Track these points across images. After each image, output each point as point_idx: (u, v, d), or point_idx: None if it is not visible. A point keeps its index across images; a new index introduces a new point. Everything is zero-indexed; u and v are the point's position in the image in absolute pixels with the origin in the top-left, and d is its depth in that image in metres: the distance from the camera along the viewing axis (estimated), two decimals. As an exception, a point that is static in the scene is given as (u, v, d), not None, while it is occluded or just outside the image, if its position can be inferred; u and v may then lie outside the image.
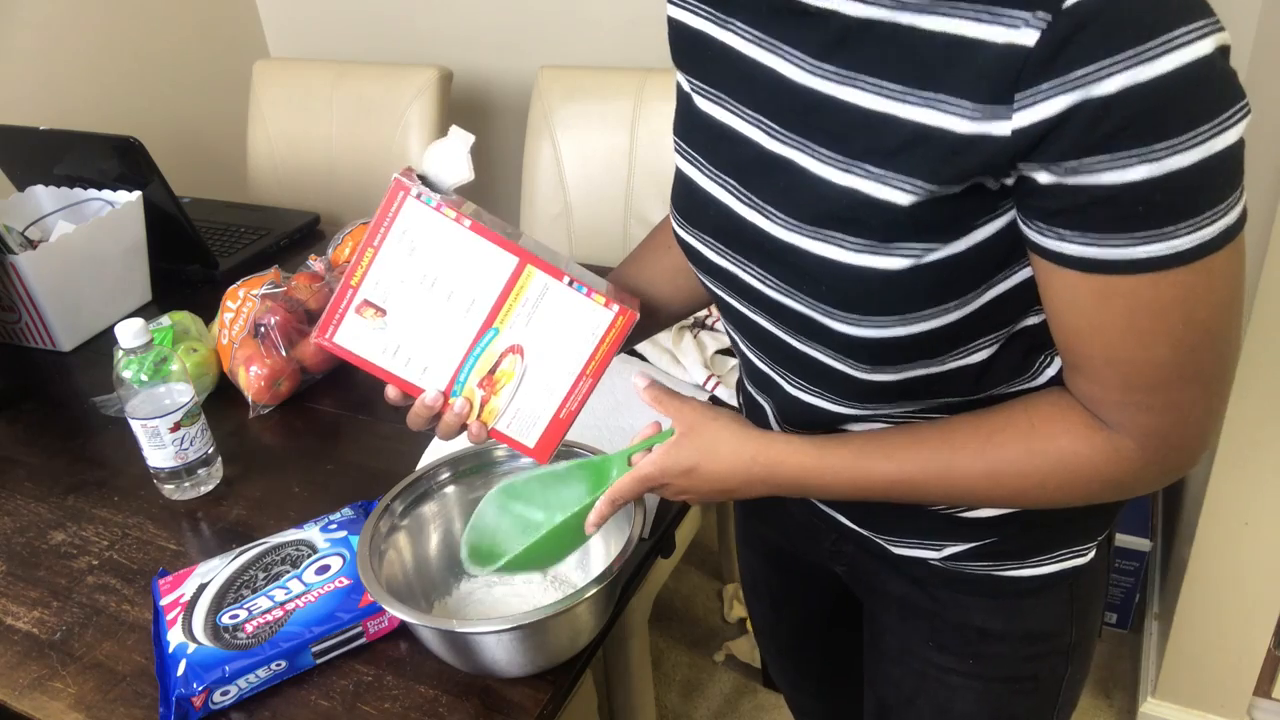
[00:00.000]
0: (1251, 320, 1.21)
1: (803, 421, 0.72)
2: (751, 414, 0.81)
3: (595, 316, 0.73)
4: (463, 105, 2.25)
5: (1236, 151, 0.49)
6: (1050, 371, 0.66)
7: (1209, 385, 0.55)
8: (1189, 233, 0.49)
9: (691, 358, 1.17)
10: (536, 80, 1.79)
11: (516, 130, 1.95)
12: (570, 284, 0.72)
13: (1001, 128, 0.49)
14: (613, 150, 1.72)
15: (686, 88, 0.69)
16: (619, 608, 0.88)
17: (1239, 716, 1.52)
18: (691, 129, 0.68)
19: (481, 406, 0.76)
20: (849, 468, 0.66)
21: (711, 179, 0.66)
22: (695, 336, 1.19)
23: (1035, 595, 0.75)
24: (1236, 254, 0.52)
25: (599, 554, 0.91)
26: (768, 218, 0.61)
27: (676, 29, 0.69)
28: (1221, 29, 0.47)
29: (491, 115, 2.27)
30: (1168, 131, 0.46)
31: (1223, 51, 0.47)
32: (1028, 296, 0.59)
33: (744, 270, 0.66)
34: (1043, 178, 0.50)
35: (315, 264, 1.34)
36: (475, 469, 0.93)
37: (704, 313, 1.22)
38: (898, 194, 0.54)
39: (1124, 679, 1.72)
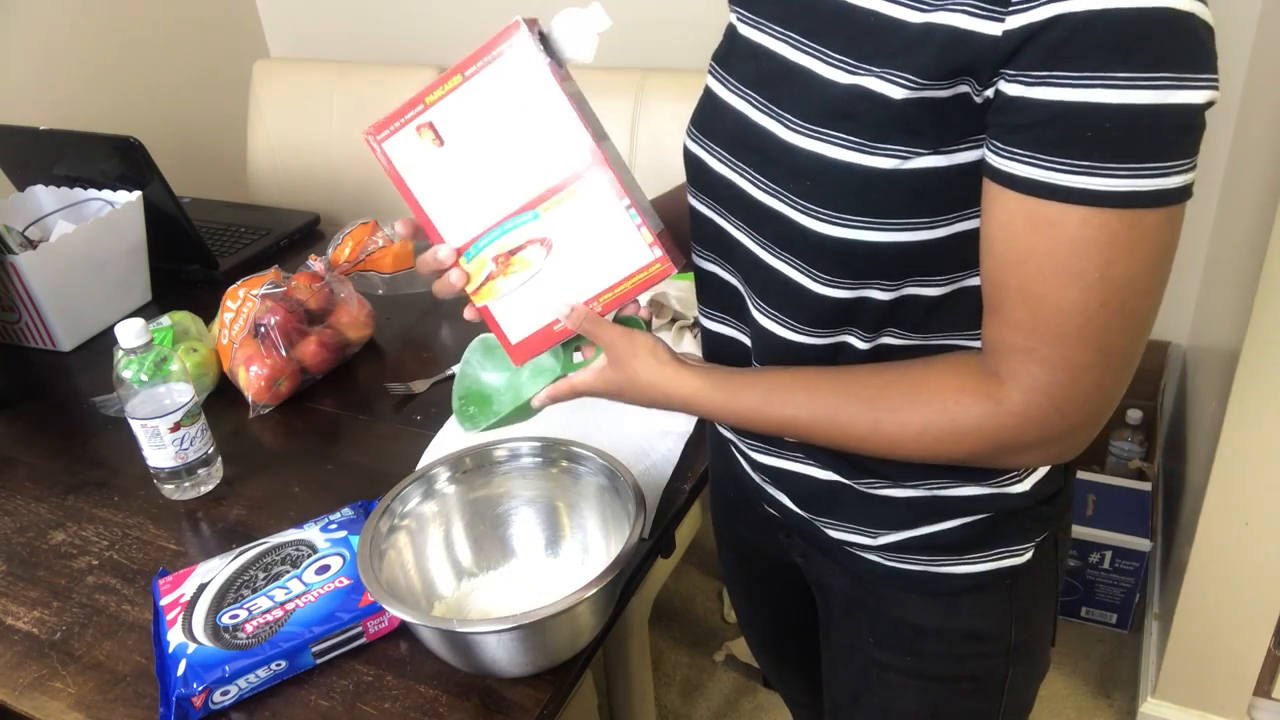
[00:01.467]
0: (1251, 320, 1.21)
1: (774, 355, 0.75)
2: (708, 293, 0.82)
3: (636, 251, 0.70)
4: (463, 105, 2.25)
5: (1194, 117, 0.51)
6: None
7: (1108, 357, 0.57)
8: (1128, 176, 0.51)
9: (693, 358, 1.17)
10: (536, 80, 1.79)
11: (516, 130, 1.95)
12: (629, 208, 0.69)
13: (994, 28, 0.53)
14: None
15: (734, 19, 0.73)
16: (619, 608, 0.88)
17: (1239, 716, 1.52)
18: (730, 54, 0.72)
19: (486, 280, 0.73)
20: (751, 406, 0.71)
21: (735, 93, 0.70)
22: (695, 336, 1.19)
23: (972, 594, 0.75)
24: (1169, 226, 0.54)
25: (599, 554, 0.91)
26: (778, 120, 0.65)
27: None
28: (1207, 8, 0.50)
29: (491, 115, 2.27)
30: (1133, 64, 0.49)
31: (1206, 25, 0.51)
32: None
33: (740, 174, 0.69)
34: (1011, 89, 0.53)
35: (315, 264, 1.34)
36: (475, 469, 0.93)
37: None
38: (892, 88, 0.57)
39: (1124, 679, 1.72)
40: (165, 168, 1.48)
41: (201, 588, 0.88)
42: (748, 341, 0.77)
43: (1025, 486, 0.72)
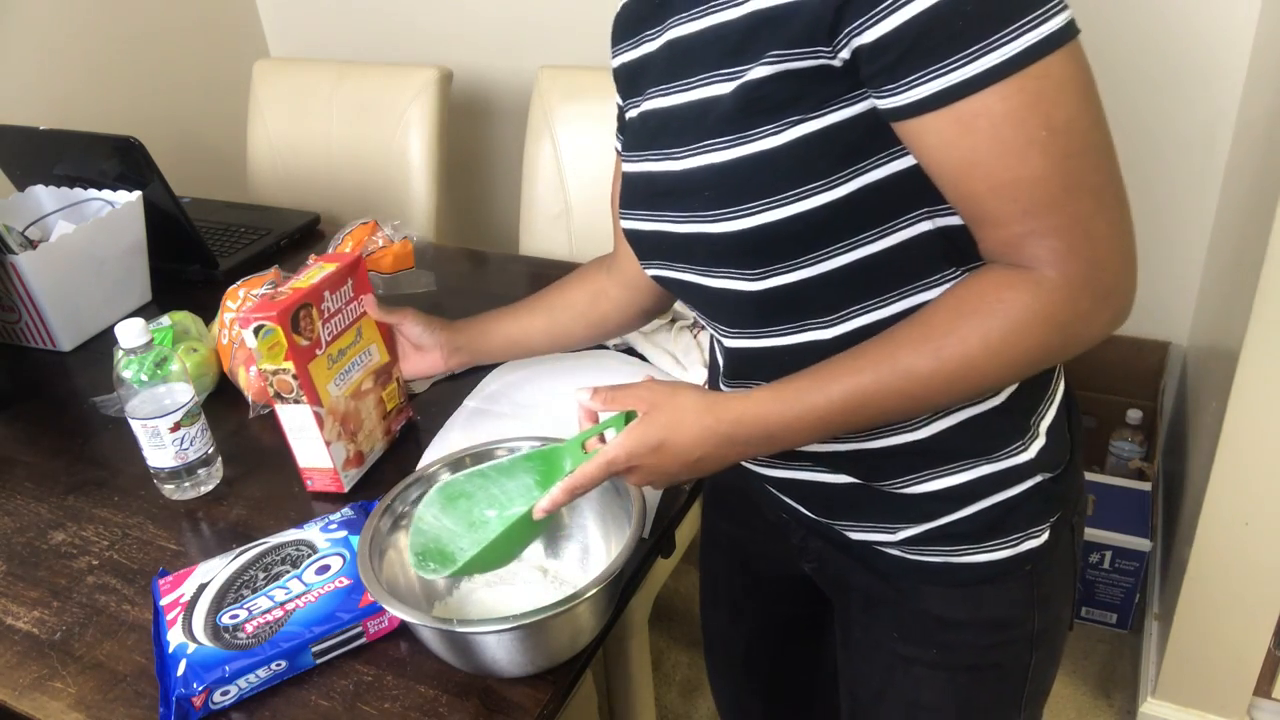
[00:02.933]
0: (1251, 320, 1.21)
1: (748, 367, 0.76)
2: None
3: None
4: (463, 105, 2.25)
5: None
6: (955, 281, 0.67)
7: (1100, 195, 0.58)
8: (1014, 38, 0.54)
9: (692, 357, 1.17)
10: (536, 80, 1.79)
11: (516, 130, 1.95)
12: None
13: None
14: (612, 150, 1.71)
15: (623, 107, 0.83)
16: (619, 608, 0.88)
17: (1239, 716, 1.52)
18: (627, 137, 0.78)
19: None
20: (804, 398, 0.67)
21: (637, 160, 0.76)
22: (695, 336, 1.19)
23: (994, 582, 0.76)
24: (1075, 60, 0.56)
25: (599, 554, 0.91)
26: (668, 159, 0.70)
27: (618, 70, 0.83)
28: None
29: (491, 115, 2.27)
30: None
31: None
32: (905, 192, 0.64)
33: (659, 220, 0.74)
34: (866, 38, 0.57)
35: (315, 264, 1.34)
36: (475, 469, 0.93)
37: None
38: (749, 74, 0.62)
39: (1124, 679, 1.72)
40: (165, 168, 1.48)
41: (201, 588, 0.88)
42: None
43: (1030, 454, 0.73)
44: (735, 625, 1.06)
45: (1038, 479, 0.74)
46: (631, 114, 0.79)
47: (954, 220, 0.65)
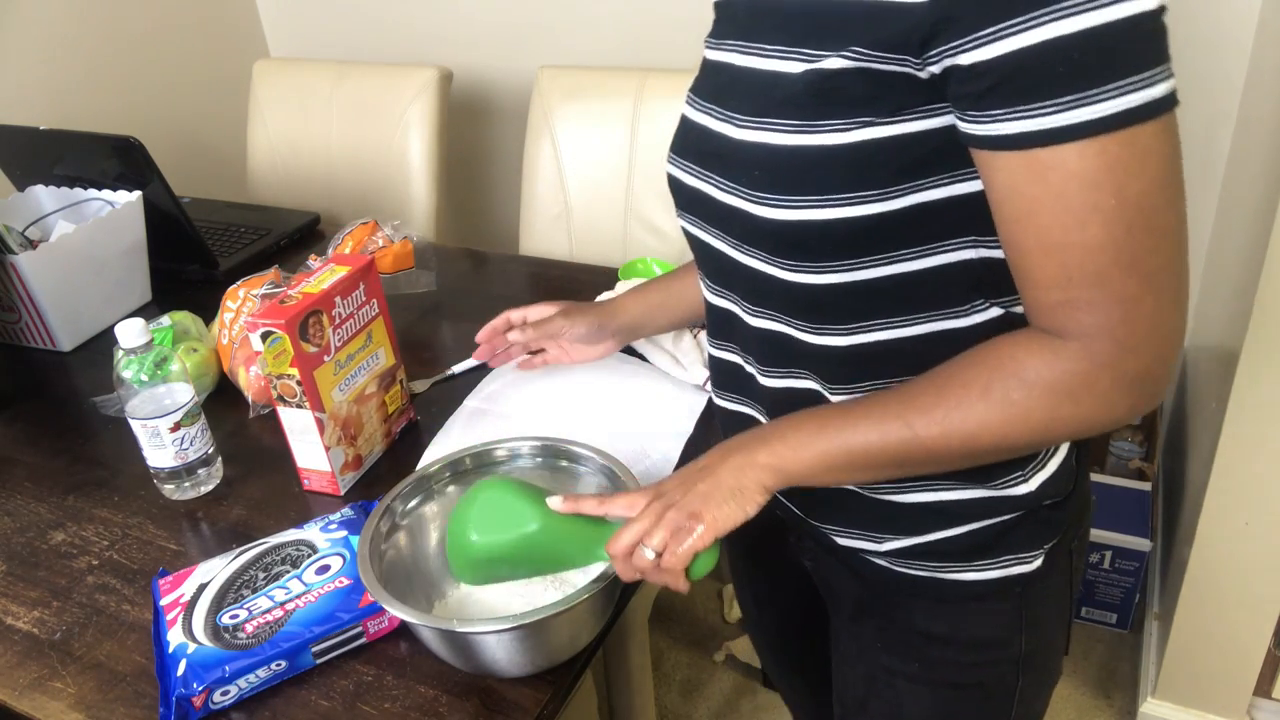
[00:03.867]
0: (1251, 320, 1.21)
1: (765, 355, 0.75)
2: (721, 377, 0.83)
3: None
4: (463, 105, 2.25)
5: (1154, 21, 0.51)
6: (984, 315, 0.66)
7: (1153, 279, 0.55)
8: (1112, 97, 0.51)
9: (691, 358, 1.17)
10: (536, 80, 1.79)
11: (516, 130, 1.95)
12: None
13: None
14: (613, 150, 1.72)
15: (704, 50, 0.76)
16: (619, 608, 0.88)
17: (1239, 716, 1.52)
18: (699, 78, 0.75)
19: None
20: (816, 421, 0.68)
21: (699, 109, 0.73)
22: (695, 337, 1.19)
23: (980, 601, 0.75)
24: (1167, 135, 0.53)
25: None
26: (728, 121, 0.68)
27: None
28: None
29: (491, 115, 2.27)
30: None
31: None
32: (957, 218, 0.61)
33: (707, 181, 0.71)
34: (965, 59, 0.53)
35: (315, 264, 1.34)
36: (475, 469, 0.93)
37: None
38: (826, 64, 0.59)
39: (1124, 679, 1.72)
40: (165, 168, 1.48)
41: (201, 588, 0.88)
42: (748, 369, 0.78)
43: (1030, 487, 0.71)
44: (762, 611, 1.07)
45: (1034, 507, 0.72)
46: (708, 54, 0.74)
47: (998, 253, 0.63)
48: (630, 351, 1.23)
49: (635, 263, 1.46)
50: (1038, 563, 0.74)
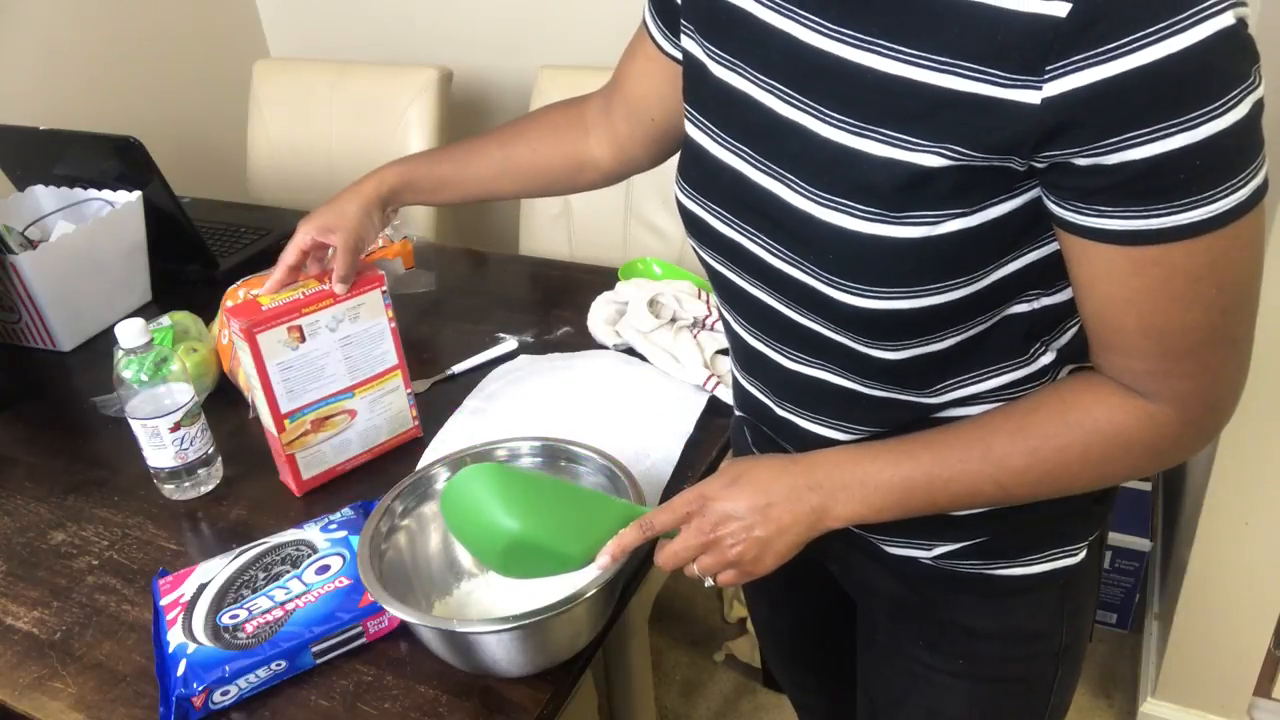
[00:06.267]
0: (1251, 320, 1.20)
1: (801, 397, 0.72)
2: (744, 403, 0.81)
3: (406, 423, 1.10)
4: (463, 105, 2.25)
5: (1260, 110, 0.50)
6: (1044, 360, 0.66)
7: (1238, 345, 0.57)
8: (1227, 195, 0.50)
9: (691, 358, 1.17)
10: (536, 80, 1.79)
11: (516, 130, 1.95)
12: (409, 394, 1.09)
13: (1031, 96, 0.50)
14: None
15: (701, 55, 0.68)
16: (619, 608, 0.88)
17: (1239, 716, 1.52)
18: (704, 97, 0.69)
19: (298, 436, 1.01)
20: (887, 452, 0.66)
21: (724, 146, 0.67)
22: (695, 336, 1.19)
23: (1026, 595, 0.75)
24: (1261, 216, 0.53)
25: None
26: (784, 183, 0.62)
27: None
28: (1243, 1, 0.48)
29: (491, 115, 2.27)
30: (1204, 99, 0.47)
31: (1242, 21, 0.49)
32: (1029, 279, 0.60)
33: (750, 239, 0.66)
34: (1080, 161, 0.51)
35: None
36: (475, 469, 0.93)
37: (704, 313, 1.22)
38: (917, 157, 0.55)
39: (1124, 679, 1.72)
40: (165, 168, 1.48)
41: (201, 588, 0.88)
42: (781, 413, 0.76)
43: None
44: (777, 615, 1.06)
45: (1084, 505, 0.72)
46: (719, 73, 0.66)
47: (1051, 301, 0.63)
48: (631, 352, 1.23)
49: (635, 262, 1.46)
50: (1082, 555, 0.74)
